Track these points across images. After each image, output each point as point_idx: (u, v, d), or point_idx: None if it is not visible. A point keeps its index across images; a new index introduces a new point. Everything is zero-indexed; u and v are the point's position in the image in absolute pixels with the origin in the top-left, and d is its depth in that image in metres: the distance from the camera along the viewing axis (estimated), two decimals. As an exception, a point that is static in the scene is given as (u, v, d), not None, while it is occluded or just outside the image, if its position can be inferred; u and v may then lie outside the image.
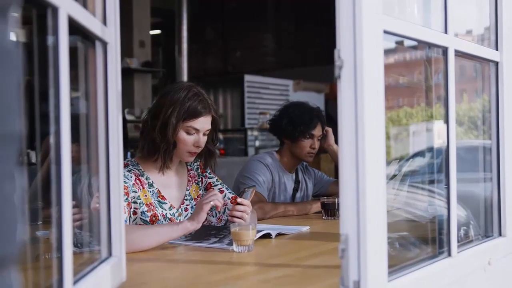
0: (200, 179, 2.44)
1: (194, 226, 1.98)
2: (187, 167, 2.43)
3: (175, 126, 2.17)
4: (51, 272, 1.09)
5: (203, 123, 2.23)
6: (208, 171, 2.46)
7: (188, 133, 2.21)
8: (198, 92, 2.24)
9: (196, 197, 2.39)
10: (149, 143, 2.22)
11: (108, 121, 1.39)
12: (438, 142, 1.95)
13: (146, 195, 2.20)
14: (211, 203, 2.01)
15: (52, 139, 1.04)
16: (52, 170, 1.05)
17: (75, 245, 1.22)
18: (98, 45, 1.36)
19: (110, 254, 1.39)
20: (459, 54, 1.60)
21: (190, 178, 2.40)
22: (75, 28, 1.13)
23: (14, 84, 0.57)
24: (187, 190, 2.37)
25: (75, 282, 1.11)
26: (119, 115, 1.42)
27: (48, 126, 1.05)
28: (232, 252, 1.87)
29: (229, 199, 2.38)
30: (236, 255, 1.84)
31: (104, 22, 1.37)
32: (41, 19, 1.05)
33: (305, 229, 2.37)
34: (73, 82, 1.09)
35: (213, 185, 2.44)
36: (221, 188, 2.43)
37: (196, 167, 2.45)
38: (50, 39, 1.04)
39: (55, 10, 1.01)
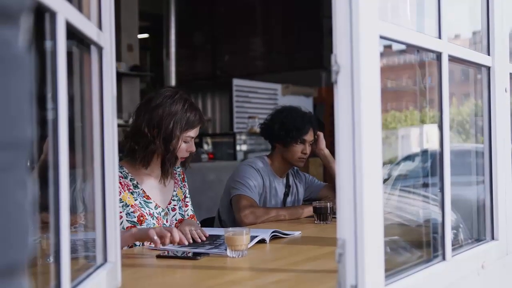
0: (183, 184, 2.53)
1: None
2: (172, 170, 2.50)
3: (179, 138, 2.27)
4: (47, 278, 1.08)
5: (197, 131, 2.36)
6: (184, 182, 2.55)
7: (185, 142, 2.32)
8: (192, 102, 2.35)
9: (181, 199, 2.47)
10: (150, 154, 2.28)
11: (104, 126, 1.38)
12: (428, 146, 1.96)
13: (129, 197, 2.25)
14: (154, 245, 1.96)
15: (49, 144, 1.03)
16: (45, 174, 1.05)
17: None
18: (93, 49, 1.36)
19: (105, 260, 1.39)
20: (452, 59, 1.61)
21: (176, 180, 2.49)
22: (70, 32, 1.12)
23: (25, 90, 0.57)
24: (174, 191, 2.45)
25: (72, 288, 1.10)
26: (115, 119, 1.41)
27: (41, 130, 1.05)
28: (226, 257, 1.87)
29: (188, 215, 2.46)
30: (230, 260, 1.84)
31: (100, 26, 1.37)
32: (38, 24, 1.04)
33: (297, 233, 2.38)
34: (67, 86, 1.08)
35: (186, 197, 2.53)
36: (188, 202, 2.53)
37: (178, 172, 2.53)
38: (47, 44, 1.04)
39: (53, 15, 1.01)
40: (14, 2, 0.56)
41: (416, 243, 1.76)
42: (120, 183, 2.24)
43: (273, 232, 2.22)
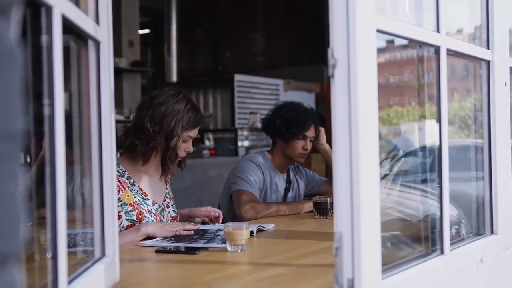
0: (169, 184, 2.56)
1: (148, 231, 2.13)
2: None
3: (179, 137, 2.30)
4: (45, 273, 1.08)
5: (197, 131, 2.39)
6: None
7: (184, 141, 2.34)
8: (194, 103, 2.39)
9: (171, 197, 2.52)
10: (151, 150, 2.30)
11: (101, 121, 1.38)
12: (429, 141, 1.96)
13: (128, 195, 2.28)
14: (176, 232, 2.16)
15: (46, 140, 1.03)
16: (44, 171, 1.05)
17: (68, 245, 1.21)
18: (90, 44, 1.36)
19: (103, 254, 1.39)
20: (451, 53, 1.61)
21: (168, 179, 2.52)
22: (67, 27, 1.12)
23: (17, 83, 0.57)
24: (167, 189, 2.49)
25: (69, 282, 1.11)
26: (112, 114, 1.41)
27: (39, 126, 1.05)
28: (225, 252, 1.87)
29: (171, 217, 2.47)
30: (230, 255, 1.84)
31: (97, 21, 1.37)
32: (34, 18, 1.04)
33: (271, 226, 2.39)
34: (65, 82, 1.08)
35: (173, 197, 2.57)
36: (172, 203, 2.55)
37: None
38: (43, 38, 1.04)
39: (49, 9, 1.01)
40: (4, -5, 0.56)
41: (416, 238, 1.76)
42: (119, 181, 2.26)
43: (258, 229, 2.24)
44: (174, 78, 8.77)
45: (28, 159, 1.26)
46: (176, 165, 2.46)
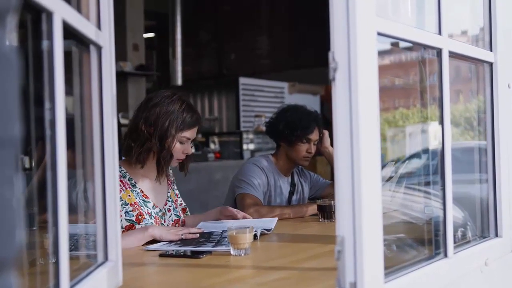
0: (174, 185, 2.57)
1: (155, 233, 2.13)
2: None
3: (174, 137, 2.29)
4: (47, 277, 1.09)
5: (194, 132, 2.38)
6: (174, 185, 2.58)
7: (181, 142, 2.34)
8: (190, 103, 2.38)
9: (174, 201, 2.51)
10: (146, 151, 2.30)
11: (103, 126, 1.39)
12: (434, 143, 1.95)
13: (129, 196, 2.29)
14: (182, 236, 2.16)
15: (47, 144, 1.03)
16: (47, 175, 1.05)
17: (70, 249, 1.21)
18: (92, 49, 1.36)
19: (106, 258, 1.39)
20: (453, 55, 1.60)
21: (169, 182, 2.52)
22: (69, 32, 1.13)
23: (13, 88, 0.57)
24: (168, 192, 2.49)
25: (71, 286, 1.11)
26: (114, 119, 1.42)
27: (42, 131, 1.05)
28: (229, 256, 1.87)
29: (172, 221, 2.46)
30: (233, 259, 1.84)
31: (99, 26, 1.37)
32: (35, 23, 1.04)
33: (273, 224, 2.38)
34: (67, 86, 1.09)
35: (178, 197, 2.58)
36: (181, 201, 2.59)
37: (171, 174, 2.57)
38: (44, 44, 1.04)
39: (49, 14, 1.01)
40: (0, 2, 0.56)
41: (420, 241, 1.75)
42: (121, 181, 2.27)
43: (261, 232, 2.23)
44: (179, 81, 8.77)
45: (32, 164, 1.27)
46: (178, 169, 2.46)
